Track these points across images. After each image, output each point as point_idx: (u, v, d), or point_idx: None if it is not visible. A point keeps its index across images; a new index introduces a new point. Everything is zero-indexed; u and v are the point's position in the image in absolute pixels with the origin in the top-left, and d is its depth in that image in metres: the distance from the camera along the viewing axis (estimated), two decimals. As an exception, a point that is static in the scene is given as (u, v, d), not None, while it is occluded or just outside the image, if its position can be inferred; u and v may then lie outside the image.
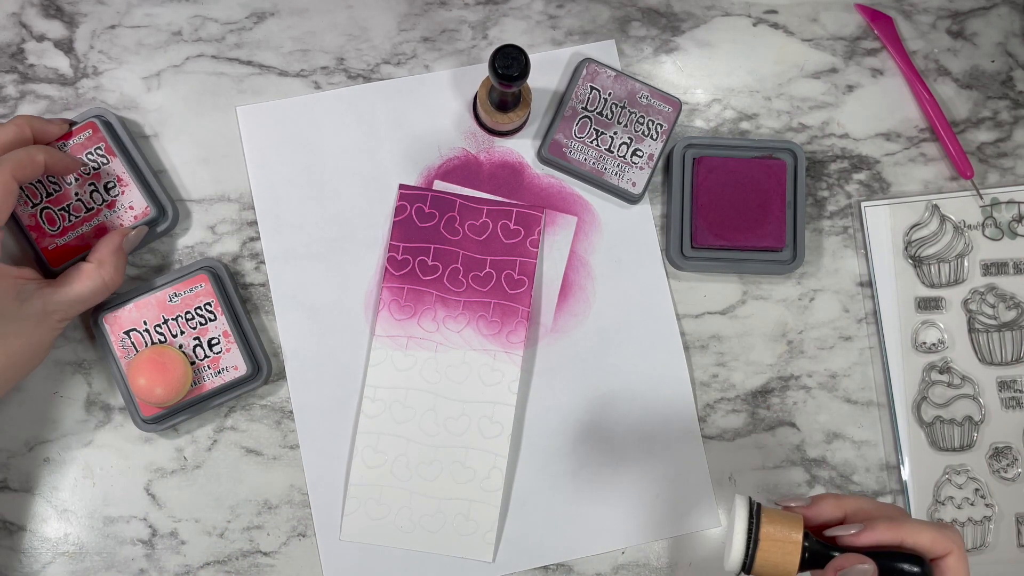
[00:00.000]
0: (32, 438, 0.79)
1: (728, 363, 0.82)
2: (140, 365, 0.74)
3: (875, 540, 0.56)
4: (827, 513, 0.59)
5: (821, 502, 0.59)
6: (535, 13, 0.85)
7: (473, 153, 0.83)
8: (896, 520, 0.57)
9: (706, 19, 0.85)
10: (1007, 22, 0.85)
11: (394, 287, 0.80)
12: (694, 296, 0.82)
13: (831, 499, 0.59)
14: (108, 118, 0.79)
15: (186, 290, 0.77)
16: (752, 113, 0.84)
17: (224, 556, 0.79)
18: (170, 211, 0.79)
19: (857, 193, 0.84)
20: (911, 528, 0.56)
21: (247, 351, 0.78)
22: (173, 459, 0.80)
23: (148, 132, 0.82)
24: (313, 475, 0.79)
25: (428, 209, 0.81)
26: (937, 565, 0.56)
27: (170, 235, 0.81)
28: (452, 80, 0.83)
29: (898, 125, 0.84)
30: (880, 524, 0.57)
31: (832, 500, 0.59)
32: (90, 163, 0.77)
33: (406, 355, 0.80)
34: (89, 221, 0.77)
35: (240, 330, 0.78)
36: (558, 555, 0.79)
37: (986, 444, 0.80)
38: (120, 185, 0.78)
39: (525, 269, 0.81)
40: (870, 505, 0.59)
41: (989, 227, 0.82)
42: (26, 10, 0.83)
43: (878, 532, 0.56)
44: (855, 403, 0.82)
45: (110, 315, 0.77)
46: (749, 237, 0.80)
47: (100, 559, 0.79)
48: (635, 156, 0.81)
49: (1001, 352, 0.81)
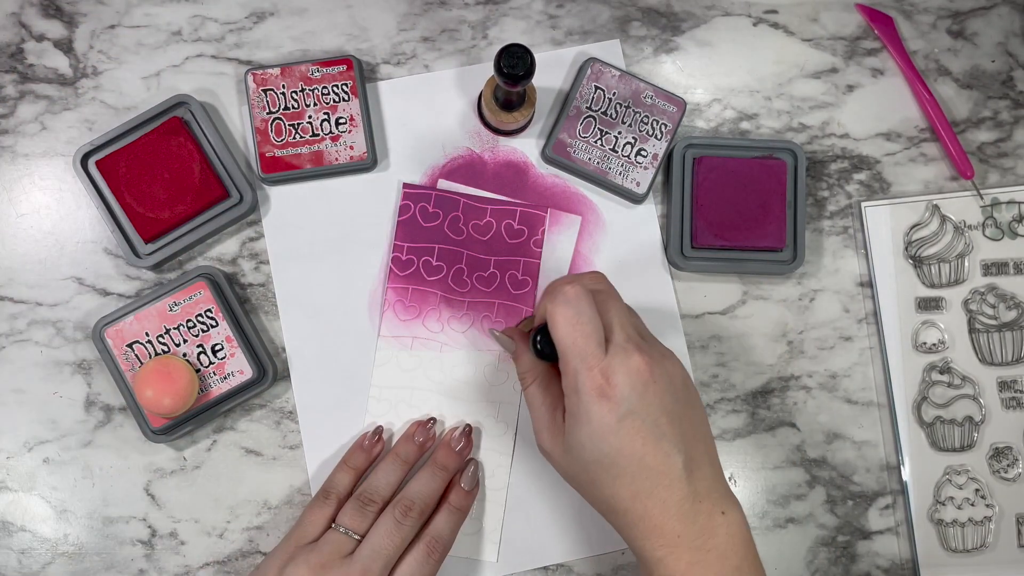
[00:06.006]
0: (32, 438, 0.79)
1: (728, 363, 0.82)
2: (146, 377, 0.74)
3: (539, 321, 0.69)
4: (539, 316, 0.69)
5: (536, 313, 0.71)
6: (535, 13, 0.85)
7: (477, 152, 0.82)
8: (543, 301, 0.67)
9: (706, 19, 0.85)
10: (1007, 22, 0.86)
11: (398, 287, 0.80)
12: (694, 296, 0.82)
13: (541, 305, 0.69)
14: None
15: (185, 298, 0.77)
16: (752, 113, 0.84)
17: (224, 556, 0.79)
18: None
19: (857, 193, 0.84)
20: (541, 305, 0.67)
21: (251, 354, 0.78)
22: (173, 459, 0.79)
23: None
24: (315, 475, 0.79)
25: (432, 208, 0.81)
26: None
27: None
28: (456, 79, 0.83)
29: (898, 125, 0.85)
30: (540, 309, 0.69)
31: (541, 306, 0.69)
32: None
33: (411, 355, 0.80)
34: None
35: (243, 334, 0.78)
36: (558, 555, 0.79)
37: (986, 444, 0.80)
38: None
39: (529, 269, 0.80)
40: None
41: (989, 227, 0.82)
42: (26, 10, 0.83)
43: (538, 316, 0.69)
44: (855, 403, 0.82)
45: (112, 329, 0.77)
46: (749, 237, 0.80)
47: (100, 559, 0.78)
48: (639, 156, 0.81)
49: (1001, 352, 0.81)
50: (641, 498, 0.61)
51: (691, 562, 0.61)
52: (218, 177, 0.79)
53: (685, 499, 0.61)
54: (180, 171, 0.78)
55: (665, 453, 0.61)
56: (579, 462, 0.63)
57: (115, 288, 0.81)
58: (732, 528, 0.62)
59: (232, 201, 0.80)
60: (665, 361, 0.64)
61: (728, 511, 0.63)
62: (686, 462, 0.61)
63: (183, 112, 0.81)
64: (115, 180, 0.78)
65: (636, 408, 0.61)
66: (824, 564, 0.80)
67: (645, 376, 0.61)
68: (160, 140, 0.79)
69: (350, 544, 0.69)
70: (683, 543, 0.61)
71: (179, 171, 0.78)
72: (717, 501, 0.63)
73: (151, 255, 0.79)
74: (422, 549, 0.71)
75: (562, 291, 0.63)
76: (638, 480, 0.61)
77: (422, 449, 0.77)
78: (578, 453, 0.63)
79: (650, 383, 0.61)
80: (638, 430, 0.61)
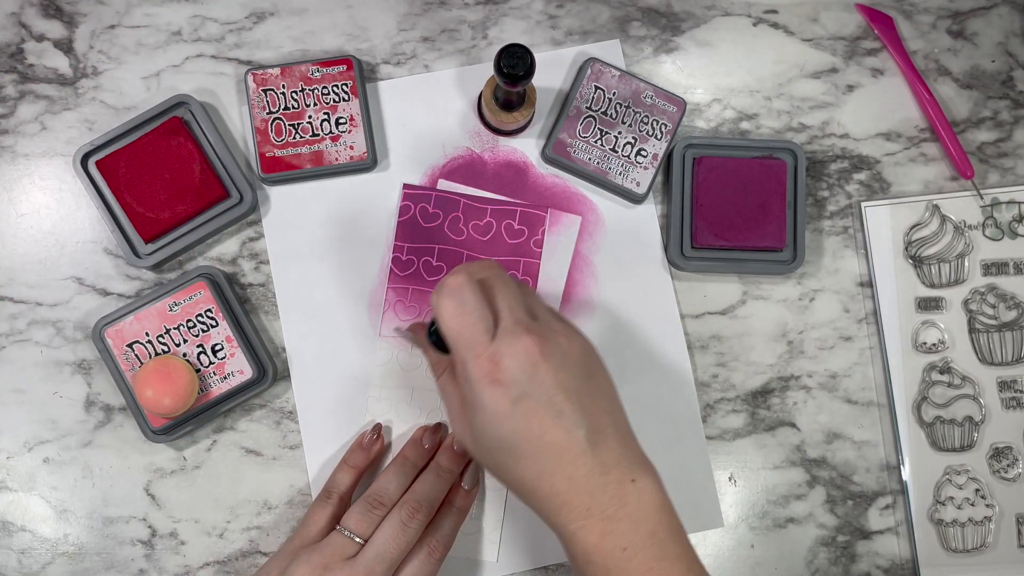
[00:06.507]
0: (32, 438, 0.79)
1: (728, 363, 0.82)
2: (146, 377, 0.74)
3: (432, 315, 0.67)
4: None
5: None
6: (535, 13, 0.85)
7: (477, 152, 0.82)
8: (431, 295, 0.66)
9: (706, 19, 0.85)
10: (1007, 22, 0.86)
11: (399, 287, 0.80)
12: (694, 296, 0.82)
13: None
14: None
15: (185, 298, 0.77)
16: (752, 113, 0.84)
17: (224, 556, 0.79)
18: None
19: (857, 193, 0.84)
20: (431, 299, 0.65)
21: (251, 354, 0.78)
22: (173, 459, 0.79)
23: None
24: (316, 475, 0.79)
25: (432, 209, 0.81)
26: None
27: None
28: (456, 79, 0.83)
29: (898, 125, 0.85)
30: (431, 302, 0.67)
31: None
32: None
33: (411, 355, 0.80)
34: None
35: (243, 334, 0.78)
36: (558, 555, 0.79)
37: (986, 444, 0.80)
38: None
39: (529, 269, 0.80)
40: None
41: (989, 227, 0.82)
42: (26, 10, 0.83)
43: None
44: (855, 403, 0.82)
45: (112, 329, 0.77)
46: (749, 237, 0.80)
47: (100, 559, 0.78)
48: (639, 156, 0.81)
49: (1001, 352, 0.81)
50: (547, 476, 0.61)
51: (603, 532, 0.60)
52: (218, 177, 0.79)
53: (592, 472, 0.61)
54: (180, 171, 0.78)
55: (565, 429, 0.60)
56: (484, 449, 0.63)
57: (115, 288, 0.81)
58: (644, 495, 0.62)
59: (232, 201, 0.80)
60: (558, 337, 0.63)
61: (639, 478, 0.62)
62: (589, 435, 0.61)
63: (183, 112, 0.81)
64: (115, 180, 0.78)
65: (529, 389, 0.60)
66: (824, 564, 0.80)
67: (535, 356, 0.60)
68: (160, 140, 0.79)
69: (353, 547, 0.69)
70: (594, 515, 0.61)
71: (179, 171, 0.78)
72: (627, 470, 0.62)
73: (151, 255, 0.79)
74: (425, 551, 0.71)
75: (444, 283, 0.63)
76: (541, 460, 0.61)
77: (430, 454, 0.76)
78: (481, 440, 0.63)
79: (540, 362, 0.60)
80: (533, 411, 0.60)
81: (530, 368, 0.60)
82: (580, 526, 0.61)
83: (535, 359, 0.60)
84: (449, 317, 0.62)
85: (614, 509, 0.61)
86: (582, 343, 0.65)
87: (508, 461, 0.62)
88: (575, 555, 0.62)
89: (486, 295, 0.63)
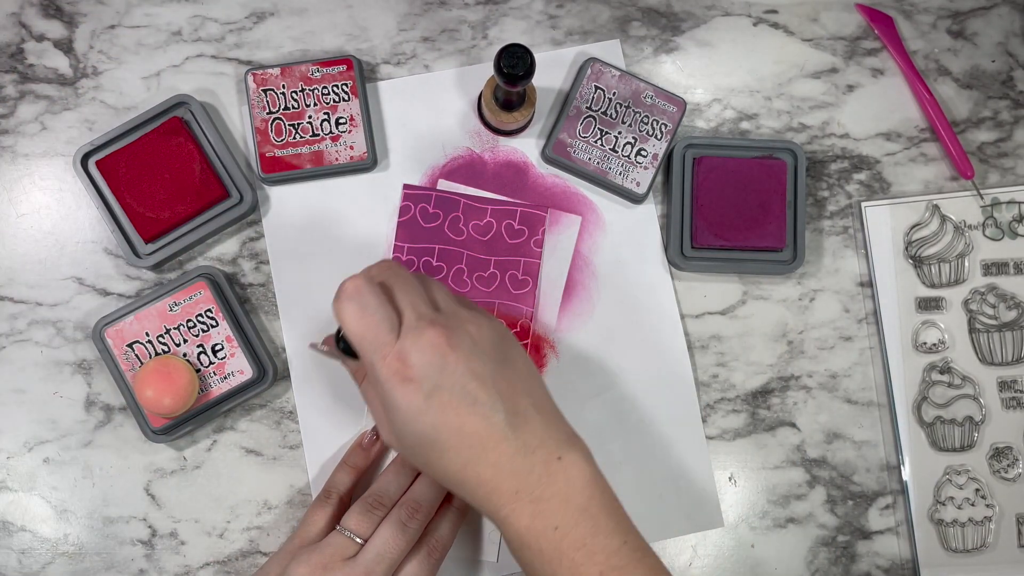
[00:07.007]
0: (32, 438, 0.79)
1: (728, 363, 0.82)
2: (146, 377, 0.74)
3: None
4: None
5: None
6: (535, 13, 0.85)
7: (477, 152, 0.82)
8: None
9: (706, 19, 0.85)
10: (1007, 22, 0.86)
11: (398, 287, 0.80)
12: (694, 296, 0.82)
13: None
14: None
15: (186, 298, 0.77)
16: (752, 113, 0.84)
17: (224, 556, 0.79)
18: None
19: (857, 193, 0.84)
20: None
21: (251, 354, 0.78)
22: (173, 459, 0.79)
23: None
24: (316, 475, 0.79)
25: (432, 209, 0.81)
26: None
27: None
28: (456, 79, 0.83)
29: (898, 125, 0.85)
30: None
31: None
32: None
33: None
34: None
35: (243, 334, 0.78)
36: (559, 555, 0.79)
37: (986, 444, 0.80)
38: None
39: (529, 269, 0.80)
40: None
41: (989, 227, 0.82)
42: (26, 10, 0.83)
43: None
44: (855, 403, 0.82)
45: (112, 329, 0.77)
46: (749, 237, 0.80)
47: (100, 559, 0.78)
48: (639, 156, 0.81)
49: (1002, 352, 0.81)
50: (472, 466, 0.61)
51: (533, 514, 0.60)
52: (218, 177, 0.79)
53: (516, 454, 0.61)
54: (180, 171, 0.78)
55: (483, 416, 0.60)
56: (408, 448, 0.63)
57: (115, 288, 0.81)
58: (571, 471, 0.61)
59: (232, 201, 0.80)
60: (467, 325, 0.63)
61: (565, 455, 0.62)
62: (508, 419, 0.61)
63: (183, 112, 0.81)
64: (115, 180, 0.78)
65: (440, 382, 0.60)
66: (824, 564, 0.80)
67: (442, 347, 0.60)
68: (160, 140, 0.79)
69: (353, 547, 0.69)
70: (522, 498, 0.61)
71: (179, 171, 0.78)
72: (552, 448, 0.62)
73: (151, 255, 0.79)
74: (424, 551, 0.71)
75: (343, 288, 0.63)
76: (463, 450, 0.61)
77: None
78: (404, 439, 0.63)
79: (448, 353, 0.60)
80: (448, 403, 0.60)
81: (439, 360, 0.60)
82: (511, 510, 0.61)
83: (443, 350, 0.60)
84: (351, 321, 0.62)
85: (542, 489, 0.61)
86: (492, 328, 0.65)
87: (432, 456, 0.62)
88: (510, 540, 0.62)
89: (387, 295, 0.63)
